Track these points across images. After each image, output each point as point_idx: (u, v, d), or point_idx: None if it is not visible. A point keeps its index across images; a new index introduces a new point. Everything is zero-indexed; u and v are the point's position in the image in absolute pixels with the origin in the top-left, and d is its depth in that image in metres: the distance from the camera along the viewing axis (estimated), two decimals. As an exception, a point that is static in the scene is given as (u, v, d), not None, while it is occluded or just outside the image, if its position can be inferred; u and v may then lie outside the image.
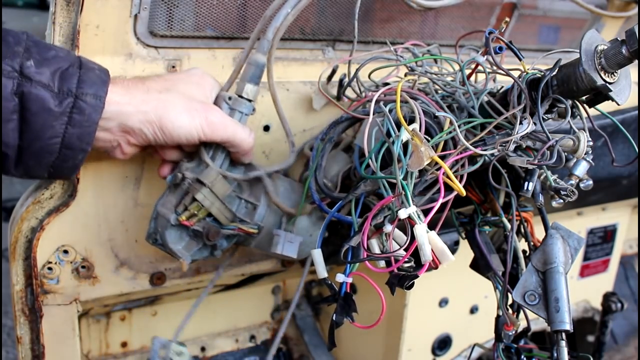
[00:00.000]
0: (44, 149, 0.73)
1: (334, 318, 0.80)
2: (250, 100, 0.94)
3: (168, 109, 0.81)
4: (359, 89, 1.07)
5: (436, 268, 0.75)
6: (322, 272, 0.85)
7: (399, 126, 0.81)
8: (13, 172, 0.76)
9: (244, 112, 0.94)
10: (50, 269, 1.01)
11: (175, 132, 0.82)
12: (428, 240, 0.73)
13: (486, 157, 0.83)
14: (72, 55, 0.76)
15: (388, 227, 0.80)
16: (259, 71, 0.94)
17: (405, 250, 0.74)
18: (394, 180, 0.78)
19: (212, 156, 0.92)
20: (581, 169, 0.81)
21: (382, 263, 0.78)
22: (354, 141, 1.01)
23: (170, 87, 0.85)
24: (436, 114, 0.84)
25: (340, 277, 0.80)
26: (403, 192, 0.76)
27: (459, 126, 0.80)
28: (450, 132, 0.81)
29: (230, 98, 0.93)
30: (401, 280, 0.74)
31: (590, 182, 0.85)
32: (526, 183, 0.81)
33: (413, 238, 0.74)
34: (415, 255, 0.75)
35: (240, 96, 0.93)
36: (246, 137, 0.90)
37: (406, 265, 0.77)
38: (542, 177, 0.84)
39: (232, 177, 0.94)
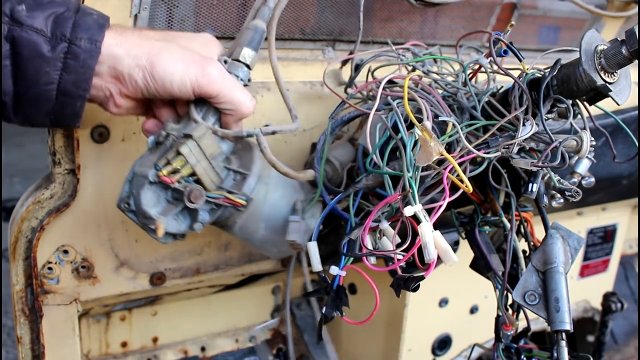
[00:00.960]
0: (41, 96, 0.72)
1: (323, 311, 0.79)
2: (247, 66, 0.86)
3: (162, 54, 0.76)
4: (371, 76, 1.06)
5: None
6: (317, 265, 0.84)
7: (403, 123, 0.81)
8: (14, 120, 0.74)
9: (240, 76, 0.85)
10: (50, 269, 1.01)
11: (167, 79, 0.76)
12: (433, 239, 0.73)
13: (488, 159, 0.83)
14: (70, 1, 0.74)
15: (384, 224, 0.80)
16: (258, 36, 0.86)
17: (407, 249, 0.74)
18: (399, 175, 0.77)
19: (203, 116, 0.84)
20: (583, 167, 0.82)
21: (373, 259, 0.78)
22: (357, 140, 1.01)
23: (170, 39, 0.81)
24: (440, 118, 0.84)
25: (334, 270, 0.80)
26: (410, 190, 0.75)
27: (461, 128, 0.80)
28: (452, 135, 0.81)
29: (225, 61, 0.85)
30: (407, 282, 0.74)
31: (592, 179, 0.85)
32: (530, 184, 0.81)
33: (414, 237, 0.74)
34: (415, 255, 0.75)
35: (237, 60, 0.85)
36: (246, 99, 0.82)
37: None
38: (545, 178, 0.84)
39: (223, 133, 0.83)
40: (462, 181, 0.76)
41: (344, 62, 1.10)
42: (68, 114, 0.75)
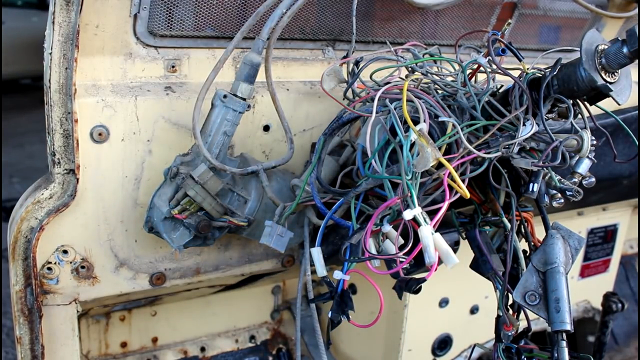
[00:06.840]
0: None
1: (330, 316, 0.80)
2: (244, 99, 0.96)
3: None
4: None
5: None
6: (321, 270, 0.84)
7: (403, 125, 0.80)
8: None
9: (238, 110, 0.96)
10: (49, 269, 1.01)
11: None
12: (433, 242, 0.73)
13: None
14: None
15: (386, 227, 0.79)
16: (254, 70, 0.96)
17: (409, 252, 0.74)
18: (398, 181, 0.77)
19: (209, 146, 0.95)
20: (584, 167, 0.81)
21: (377, 262, 0.78)
22: (356, 141, 1.01)
23: None
24: (440, 119, 0.84)
25: (337, 275, 0.80)
26: (409, 194, 0.75)
27: (461, 129, 0.80)
28: (452, 136, 0.81)
29: (225, 96, 0.95)
30: (408, 284, 0.74)
31: (593, 179, 0.85)
32: (531, 184, 0.81)
33: (416, 239, 0.74)
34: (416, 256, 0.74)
35: (235, 95, 0.96)
36: None
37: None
38: (546, 178, 0.84)
39: (229, 170, 0.96)
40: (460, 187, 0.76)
41: (345, 56, 1.11)
42: None
